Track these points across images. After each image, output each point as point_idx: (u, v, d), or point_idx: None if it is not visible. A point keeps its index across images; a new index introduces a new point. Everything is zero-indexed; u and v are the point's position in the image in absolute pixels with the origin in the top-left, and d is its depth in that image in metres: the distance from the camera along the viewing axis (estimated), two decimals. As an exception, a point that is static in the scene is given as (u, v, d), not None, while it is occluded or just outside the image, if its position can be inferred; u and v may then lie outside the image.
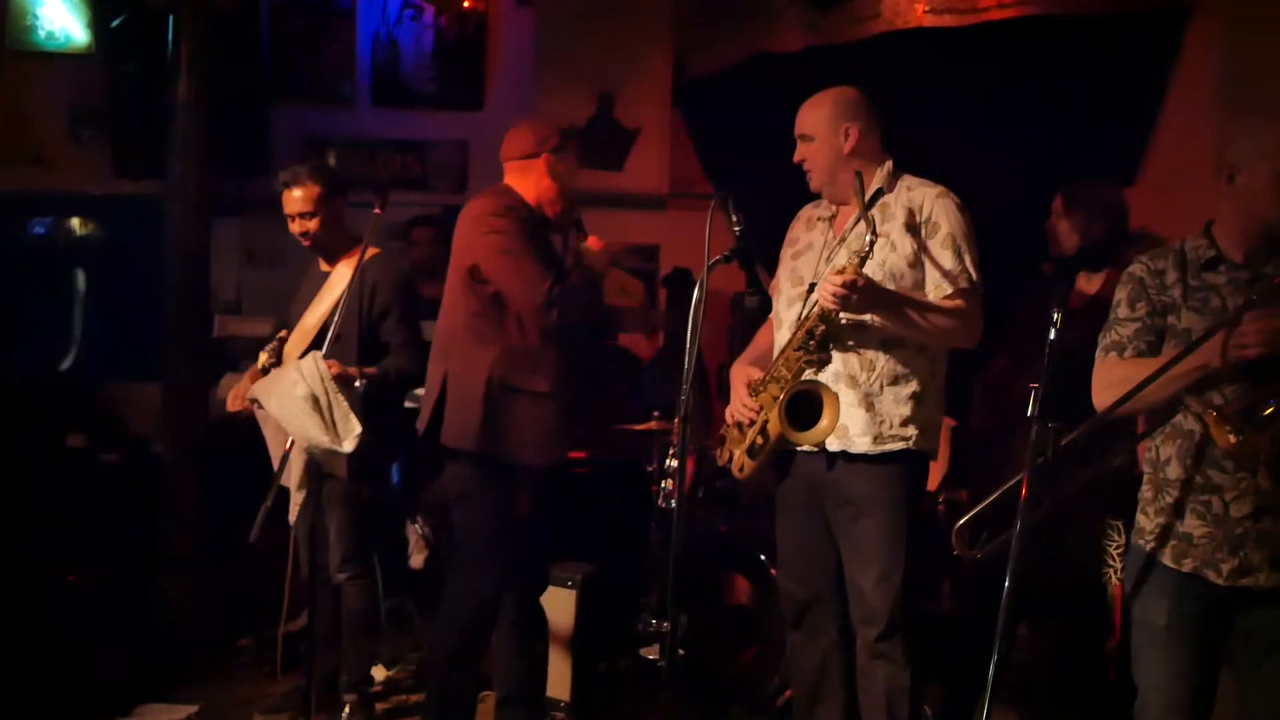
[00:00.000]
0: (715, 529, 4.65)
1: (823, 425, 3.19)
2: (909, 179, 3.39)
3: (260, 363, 4.16)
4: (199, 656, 4.92)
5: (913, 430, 3.28)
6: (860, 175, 3.24)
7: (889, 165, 3.39)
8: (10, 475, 5.13)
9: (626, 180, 6.68)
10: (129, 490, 5.50)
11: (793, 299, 3.42)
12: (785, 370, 3.30)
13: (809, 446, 3.30)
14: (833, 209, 3.47)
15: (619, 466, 5.28)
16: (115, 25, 5.71)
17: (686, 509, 3.67)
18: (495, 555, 3.77)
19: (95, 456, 5.65)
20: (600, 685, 4.57)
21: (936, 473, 4.41)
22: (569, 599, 4.43)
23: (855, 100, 3.39)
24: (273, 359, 4.15)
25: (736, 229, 3.16)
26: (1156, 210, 4.48)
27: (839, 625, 3.42)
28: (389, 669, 4.85)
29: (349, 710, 4.29)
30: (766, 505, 3.71)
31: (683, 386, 3.03)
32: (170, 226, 5.12)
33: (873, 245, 3.12)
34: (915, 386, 3.29)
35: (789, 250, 3.56)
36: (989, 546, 2.83)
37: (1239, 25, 5.01)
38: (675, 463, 4.38)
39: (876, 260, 3.24)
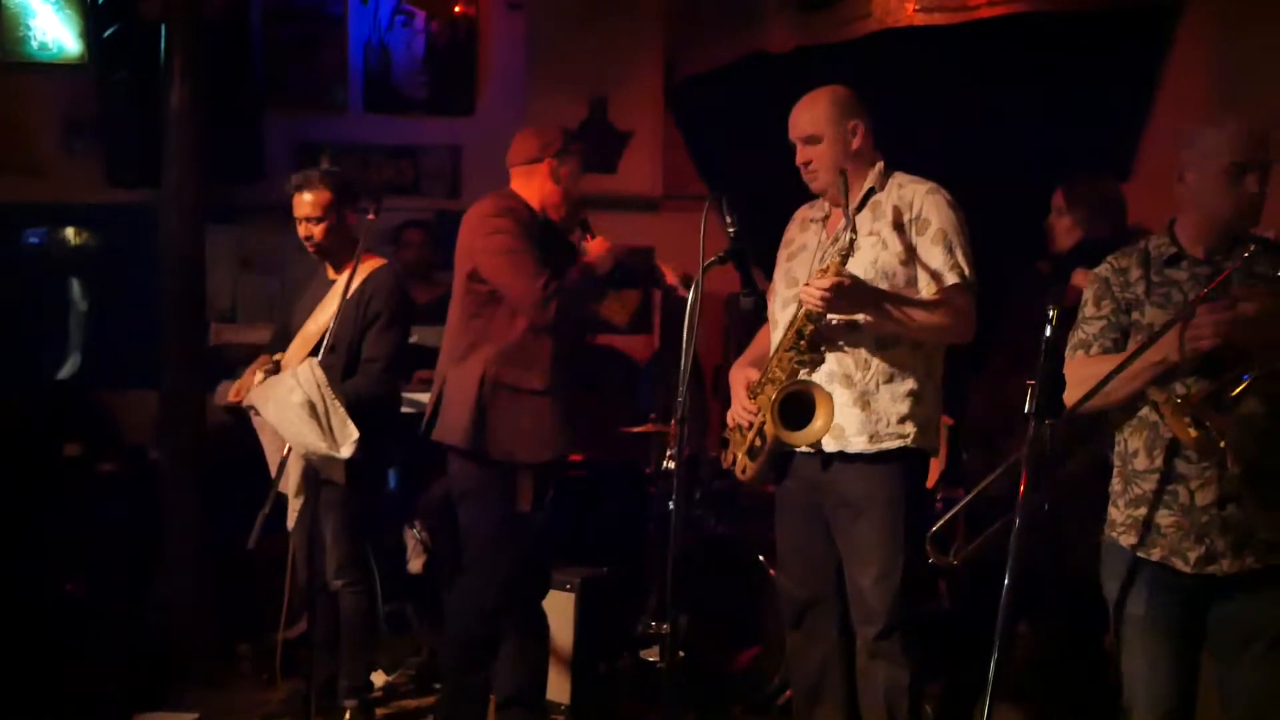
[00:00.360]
0: (713, 530, 4.66)
1: (816, 425, 3.20)
2: (900, 176, 3.39)
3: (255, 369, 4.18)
4: (198, 664, 4.92)
5: (910, 428, 3.28)
6: (845, 175, 3.24)
7: (880, 164, 3.40)
8: (9, 486, 5.13)
9: (620, 183, 6.68)
10: (127, 499, 5.49)
11: (787, 300, 3.42)
12: (780, 371, 3.30)
13: (805, 447, 3.30)
14: (826, 210, 3.47)
15: (616, 469, 5.28)
16: (108, 35, 5.69)
17: (684, 510, 3.66)
18: (501, 552, 3.81)
19: (93, 466, 5.64)
20: (600, 688, 4.57)
21: (934, 471, 4.41)
22: (568, 602, 4.44)
23: (854, 98, 3.39)
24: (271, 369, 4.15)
25: (731, 230, 3.17)
26: (1151, 207, 4.48)
27: (840, 626, 3.42)
28: (388, 674, 4.84)
29: (349, 716, 4.28)
30: (764, 506, 3.71)
31: (679, 388, 3.04)
32: (165, 235, 5.11)
33: (853, 244, 3.13)
34: (912, 384, 3.29)
35: (784, 252, 3.56)
36: (965, 551, 2.88)
37: (1229, 20, 5.03)
38: (673, 464, 4.39)
39: (869, 258, 3.25)
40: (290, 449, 3.75)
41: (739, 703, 4.43)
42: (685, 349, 3.01)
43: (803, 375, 3.27)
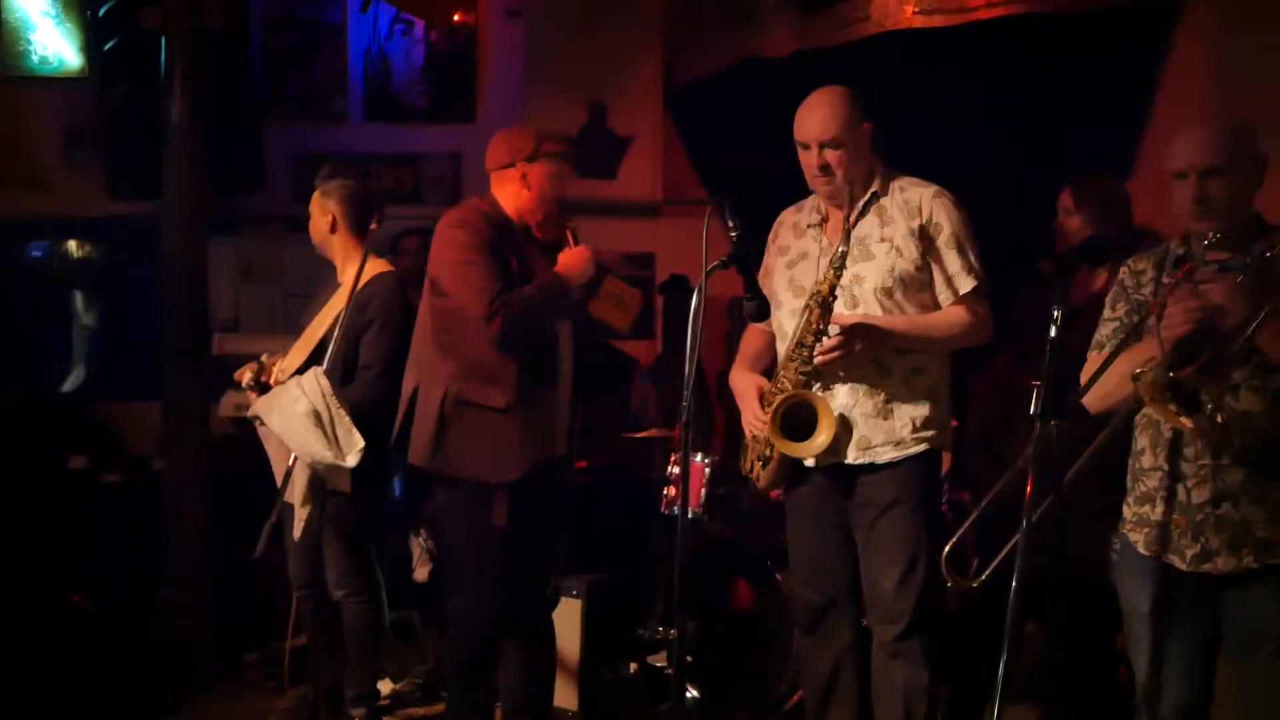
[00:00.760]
0: (720, 535, 4.65)
1: (819, 439, 3.21)
2: (902, 179, 3.39)
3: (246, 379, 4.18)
4: (205, 673, 4.91)
5: (932, 430, 3.31)
6: (851, 183, 3.25)
7: (880, 167, 3.39)
8: (15, 498, 5.14)
9: (620, 188, 6.69)
10: (132, 509, 5.50)
11: (795, 310, 3.38)
12: (788, 382, 3.31)
13: (809, 461, 3.31)
14: (822, 213, 3.43)
15: (621, 474, 5.28)
16: (108, 48, 5.70)
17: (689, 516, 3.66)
18: (482, 570, 3.70)
19: (97, 477, 5.66)
20: (607, 694, 4.57)
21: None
22: (574, 608, 4.43)
23: (857, 97, 3.35)
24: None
25: (733, 234, 3.14)
26: (1153, 207, 4.48)
27: (854, 629, 3.43)
28: (395, 683, 4.84)
29: (356, 725, 4.28)
30: (770, 511, 3.71)
31: (684, 393, 3.03)
32: (166, 246, 5.12)
33: (844, 257, 3.16)
34: (929, 384, 3.33)
35: (782, 259, 3.51)
36: (984, 574, 2.92)
37: (1229, 20, 5.04)
38: (677, 469, 4.39)
39: (885, 266, 3.27)
40: (296, 458, 3.74)
41: (745, 708, 4.42)
42: (689, 354, 3.00)
43: (815, 388, 3.27)
